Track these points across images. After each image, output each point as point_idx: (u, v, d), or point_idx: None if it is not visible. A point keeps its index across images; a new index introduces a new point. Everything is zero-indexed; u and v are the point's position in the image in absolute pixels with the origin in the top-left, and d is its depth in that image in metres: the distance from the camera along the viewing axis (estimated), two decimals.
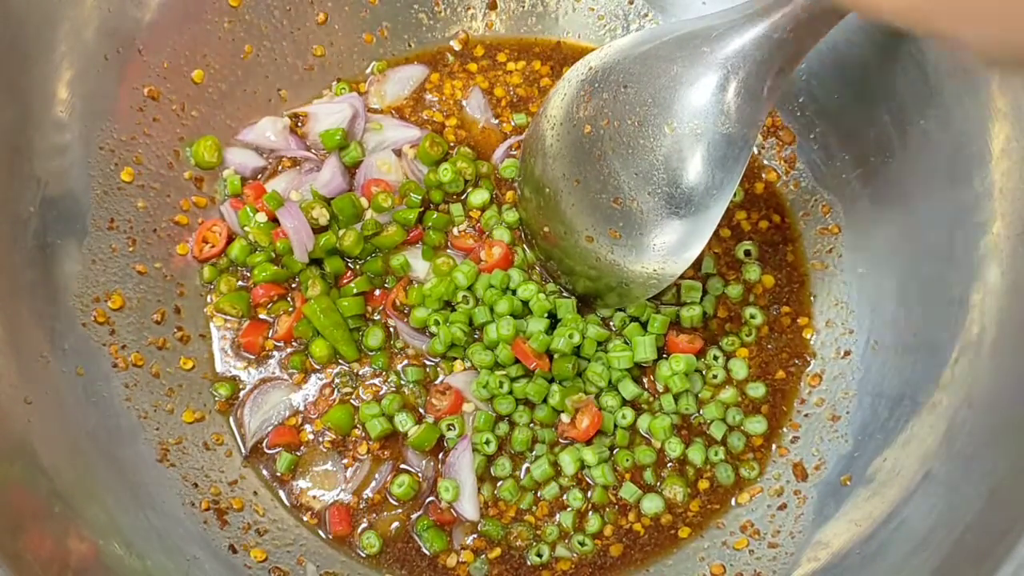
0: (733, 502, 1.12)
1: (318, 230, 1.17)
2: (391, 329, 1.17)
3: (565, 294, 1.16)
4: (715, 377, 1.15)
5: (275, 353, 1.16)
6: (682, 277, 1.10)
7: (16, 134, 1.01)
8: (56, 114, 1.05)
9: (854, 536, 1.01)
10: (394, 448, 1.13)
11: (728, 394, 1.14)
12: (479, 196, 1.20)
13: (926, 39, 1.01)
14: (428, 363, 1.16)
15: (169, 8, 1.13)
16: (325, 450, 1.13)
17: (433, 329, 1.15)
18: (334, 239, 1.16)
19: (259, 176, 1.23)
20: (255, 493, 1.12)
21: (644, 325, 1.15)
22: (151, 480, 1.06)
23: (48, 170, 1.04)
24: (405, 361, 1.16)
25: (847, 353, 1.14)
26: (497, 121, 1.27)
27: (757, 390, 1.15)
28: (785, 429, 1.15)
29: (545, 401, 1.11)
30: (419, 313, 1.15)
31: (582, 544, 1.09)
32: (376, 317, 1.17)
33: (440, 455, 1.12)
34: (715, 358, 1.15)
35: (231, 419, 1.14)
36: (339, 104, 1.24)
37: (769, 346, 1.18)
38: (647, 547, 1.11)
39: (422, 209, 1.19)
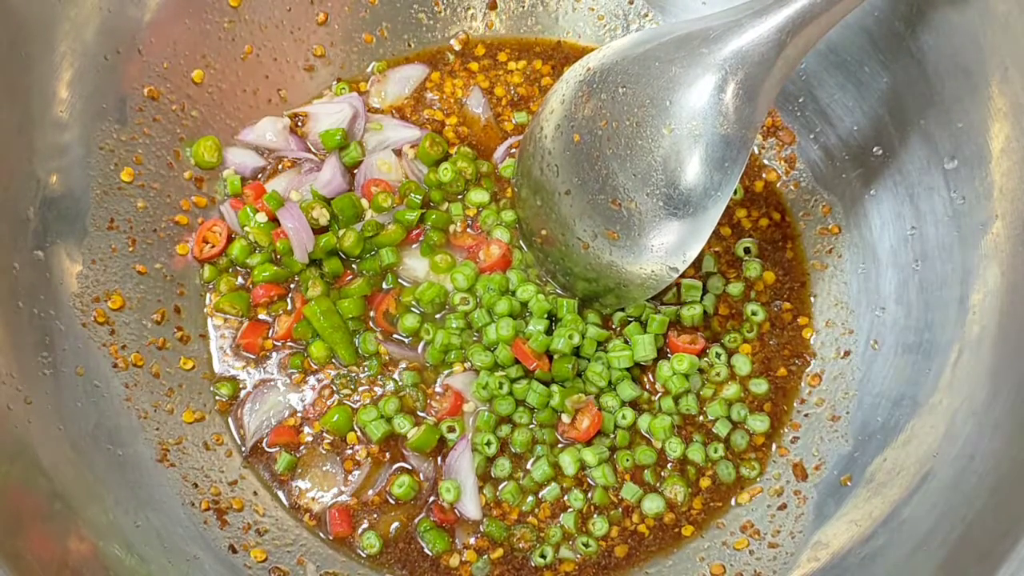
0: (733, 502, 1.12)
1: (318, 230, 1.17)
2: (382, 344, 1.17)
3: (564, 294, 1.16)
4: (718, 375, 1.15)
5: (274, 354, 1.16)
6: (682, 276, 1.10)
7: (16, 134, 1.01)
8: (56, 114, 1.05)
9: (854, 536, 1.02)
10: (395, 449, 1.13)
11: (732, 390, 1.14)
12: (479, 195, 1.20)
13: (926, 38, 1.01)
14: (427, 365, 1.16)
15: (169, 8, 1.13)
16: (324, 452, 1.13)
17: (426, 336, 1.15)
18: (334, 240, 1.16)
19: (259, 176, 1.23)
20: (255, 493, 1.12)
21: (644, 325, 1.15)
22: (151, 480, 1.06)
23: (48, 170, 1.04)
24: (403, 364, 1.16)
25: (847, 353, 1.14)
26: (498, 120, 1.27)
27: (760, 386, 1.15)
28: (785, 429, 1.15)
29: (546, 404, 1.11)
30: (408, 321, 1.15)
31: (586, 546, 1.09)
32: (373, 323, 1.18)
33: (441, 456, 1.12)
34: (717, 355, 1.15)
35: (230, 419, 1.14)
36: (339, 104, 1.24)
37: (771, 342, 1.18)
38: (651, 547, 1.11)
39: (423, 209, 1.19)
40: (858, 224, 1.16)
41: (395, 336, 1.17)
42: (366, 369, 1.15)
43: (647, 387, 1.15)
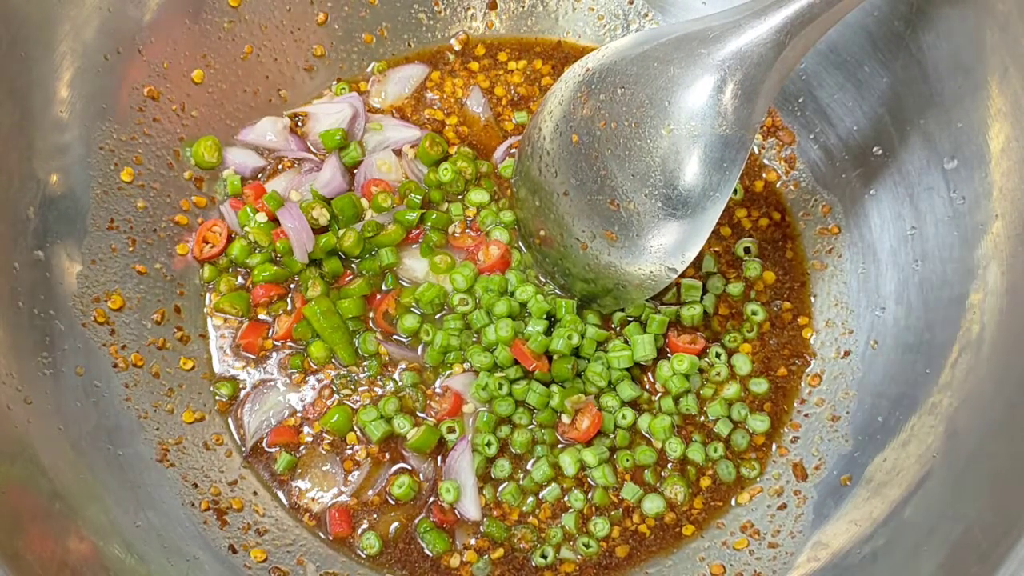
0: (733, 501, 1.12)
1: (318, 230, 1.17)
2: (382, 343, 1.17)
3: (563, 294, 1.16)
4: (718, 375, 1.15)
5: (274, 354, 1.16)
6: (682, 276, 1.10)
7: (16, 134, 1.01)
8: (56, 114, 1.05)
9: (854, 536, 1.01)
10: (394, 450, 1.13)
11: (732, 390, 1.14)
12: (478, 195, 1.20)
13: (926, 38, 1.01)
14: (426, 367, 1.16)
15: (169, 8, 1.13)
16: (324, 452, 1.13)
17: (425, 338, 1.15)
18: (334, 239, 1.16)
19: (259, 176, 1.23)
20: (255, 493, 1.12)
21: (644, 325, 1.15)
22: (151, 480, 1.06)
23: (48, 170, 1.04)
24: (403, 365, 1.16)
25: (847, 353, 1.14)
26: (498, 120, 1.27)
27: (760, 386, 1.15)
28: (785, 429, 1.15)
29: (546, 404, 1.11)
30: (408, 322, 1.15)
31: (587, 546, 1.09)
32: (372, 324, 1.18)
33: (440, 456, 1.12)
34: (717, 355, 1.15)
35: (230, 419, 1.14)
36: (339, 104, 1.24)
37: (771, 341, 1.18)
38: (652, 547, 1.11)
39: (423, 210, 1.19)
40: (858, 224, 1.16)
41: (395, 336, 1.17)
42: (366, 369, 1.15)
43: (647, 387, 1.15)
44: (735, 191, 1.19)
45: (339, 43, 1.26)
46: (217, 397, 1.15)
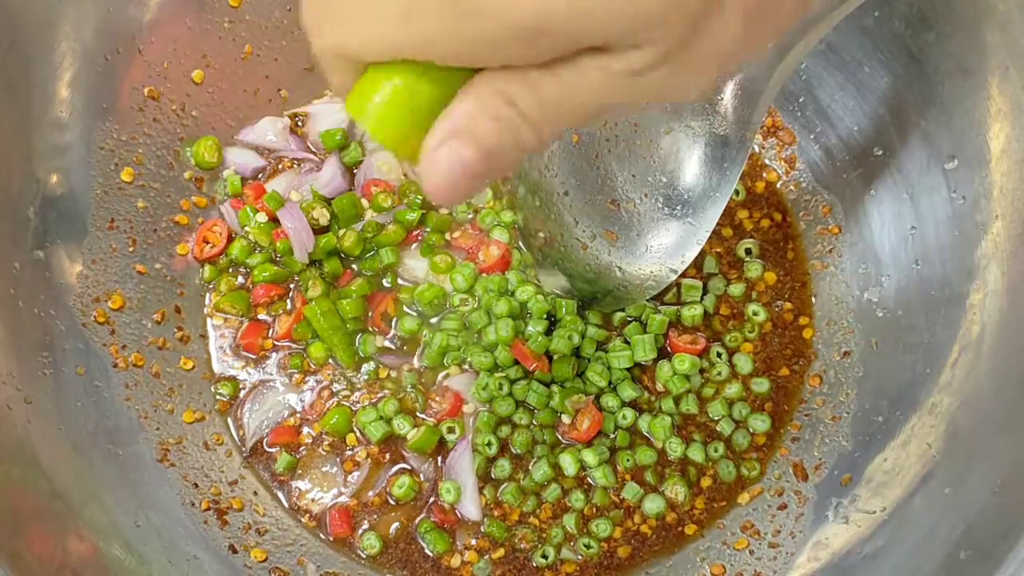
0: (734, 501, 1.12)
1: (318, 230, 1.17)
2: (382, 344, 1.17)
3: (564, 295, 1.16)
4: (719, 374, 1.14)
5: (274, 354, 1.16)
6: (683, 277, 1.10)
7: (16, 134, 1.01)
8: (56, 114, 1.05)
9: (854, 536, 1.01)
10: (394, 450, 1.13)
11: (733, 389, 1.14)
12: (478, 195, 1.20)
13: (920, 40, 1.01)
14: (424, 367, 1.16)
15: (169, 8, 1.13)
16: (324, 452, 1.13)
17: (424, 339, 1.15)
18: (334, 240, 1.16)
19: (259, 176, 1.23)
20: (255, 493, 1.12)
21: (644, 325, 1.15)
22: (151, 480, 1.06)
23: (48, 170, 1.04)
24: (404, 366, 1.16)
25: (847, 353, 1.14)
26: None
27: (761, 385, 1.15)
28: (786, 429, 1.15)
29: (546, 404, 1.11)
30: (408, 324, 1.15)
31: (588, 547, 1.09)
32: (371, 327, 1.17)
33: (441, 457, 1.12)
34: (718, 355, 1.15)
35: (230, 419, 1.14)
36: (339, 104, 1.24)
37: (773, 342, 1.17)
38: (655, 547, 1.11)
39: (424, 211, 1.19)
40: (858, 224, 1.16)
41: (395, 337, 1.16)
42: (366, 371, 1.15)
43: (647, 387, 1.15)
44: (737, 192, 1.19)
45: None
46: (217, 397, 1.15)
